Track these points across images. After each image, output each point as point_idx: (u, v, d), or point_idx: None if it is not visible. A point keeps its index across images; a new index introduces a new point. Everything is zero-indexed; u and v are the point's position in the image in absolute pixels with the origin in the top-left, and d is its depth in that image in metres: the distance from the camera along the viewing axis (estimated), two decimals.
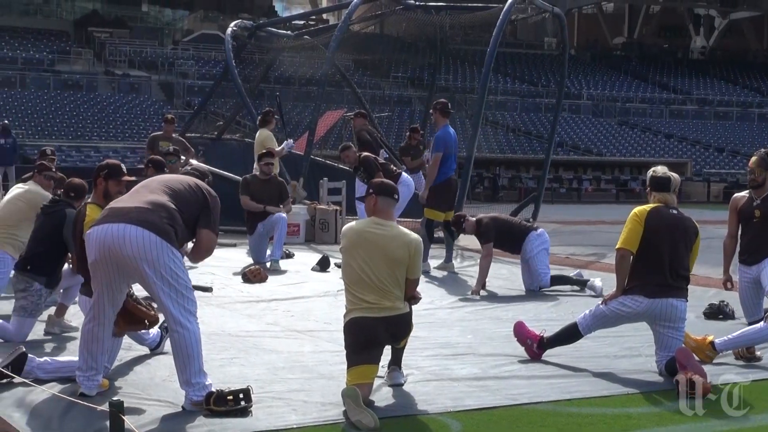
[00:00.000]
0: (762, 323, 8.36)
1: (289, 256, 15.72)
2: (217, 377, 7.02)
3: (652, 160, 46.22)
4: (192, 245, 7.01)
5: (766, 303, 9.20)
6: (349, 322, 6.98)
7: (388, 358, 7.34)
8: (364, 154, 15.84)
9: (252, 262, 14.85)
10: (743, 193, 9.37)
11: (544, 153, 24.80)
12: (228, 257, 15.26)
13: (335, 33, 21.78)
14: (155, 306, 7.16)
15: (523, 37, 74.89)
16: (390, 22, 53.83)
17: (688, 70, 71.94)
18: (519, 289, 12.95)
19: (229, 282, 13.11)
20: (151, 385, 7.24)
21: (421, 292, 7.44)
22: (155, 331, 8.18)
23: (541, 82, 63.61)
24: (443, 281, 13.79)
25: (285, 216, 15.19)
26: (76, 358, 7.03)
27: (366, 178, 14.80)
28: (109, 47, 56.44)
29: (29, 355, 7.29)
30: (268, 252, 15.13)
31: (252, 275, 13.18)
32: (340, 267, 7.99)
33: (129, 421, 5.32)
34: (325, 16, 56.66)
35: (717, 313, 11.00)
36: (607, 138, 56.76)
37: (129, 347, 8.17)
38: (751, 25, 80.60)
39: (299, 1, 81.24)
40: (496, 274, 13.68)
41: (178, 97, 50.86)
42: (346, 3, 22.57)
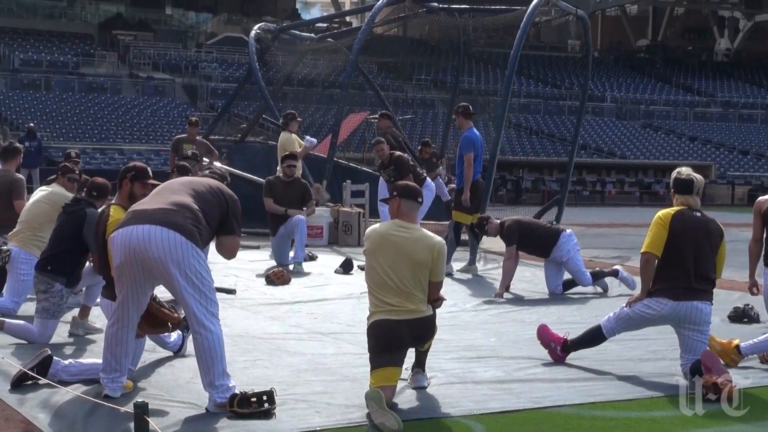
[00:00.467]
0: None
1: (312, 258, 15.72)
2: (241, 379, 7.02)
3: (676, 162, 46.02)
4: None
5: None
6: (372, 324, 6.97)
7: (411, 361, 7.34)
8: (399, 153, 15.78)
9: (275, 264, 14.86)
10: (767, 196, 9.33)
11: (568, 155, 24.79)
12: (251, 259, 15.28)
13: (358, 36, 21.82)
14: (178, 309, 7.18)
15: (547, 40, 74.78)
16: (413, 25, 53.99)
17: (713, 73, 71.65)
18: (543, 292, 12.91)
19: (253, 284, 13.13)
20: (174, 387, 7.25)
21: (445, 295, 7.42)
22: (176, 334, 8.20)
23: (565, 85, 63.49)
24: (467, 284, 13.77)
25: (304, 218, 15.19)
26: (100, 361, 7.04)
27: (394, 177, 14.78)
28: (133, 50, 56.68)
29: (54, 357, 7.32)
30: (291, 254, 15.14)
31: (275, 277, 13.19)
32: (363, 269, 7.99)
33: (153, 422, 5.33)
34: (348, 19, 56.82)
35: (742, 316, 10.96)
36: (630, 140, 56.60)
37: (153, 349, 8.18)
38: None
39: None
40: (520, 277, 13.63)
41: (202, 100, 51.02)
42: (370, 6, 22.65)
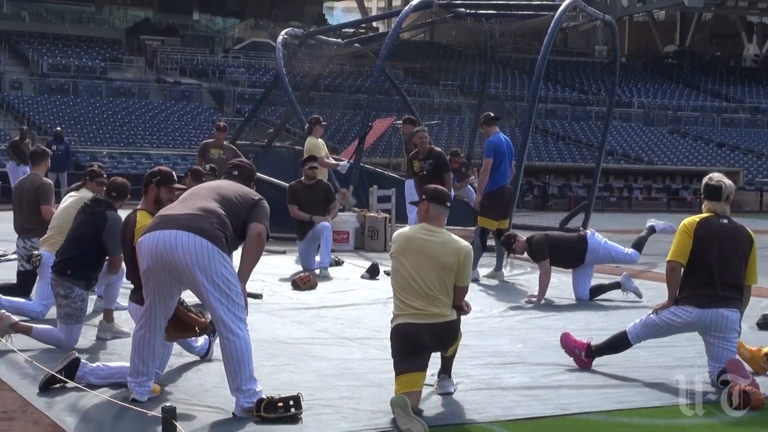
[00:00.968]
0: None
1: (338, 263, 15.74)
2: (268, 384, 7.03)
3: (703, 168, 45.78)
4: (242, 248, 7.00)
5: None
6: (393, 328, 6.98)
7: (437, 367, 7.33)
8: (439, 149, 15.70)
9: (301, 269, 14.88)
10: None
11: (595, 161, 24.66)
12: (277, 264, 15.31)
13: (386, 41, 21.80)
14: (205, 313, 7.20)
15: (574, 45, 74.60)
16: (440, 30, 54.05)
17: (741, 78, 71.22)
18: (570, 298, 12.87)
19: (279, 289, 13.16)
20: (201, 392, 7.28)
21: (471, 301, 7.42)
22: (203, 339, 8.21)
23: (592, 90, 63.27)
24: (493, 290, 13.75)
25: (328, 224, 15.21)
26: (128, 364, 7.07)
27: (428, 171, 14.76)
28: (160, 55, 56.85)
29: (82, 360, 7.35)
30: (317, 259, 15.16)
31: (302, 282, 13.20)
32: (389, 275, 7.99)
33: (180, 426, 5.35)
34: (375, 24, 56.88)
35: None
36: (658, 146, 56.31)
37: (180, 353, 8.21)
38: None
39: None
40: None
41: (229, 105, 51.11)
42: (397, 11, 22.64)
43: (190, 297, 7.18)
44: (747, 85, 69.57)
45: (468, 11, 23.24)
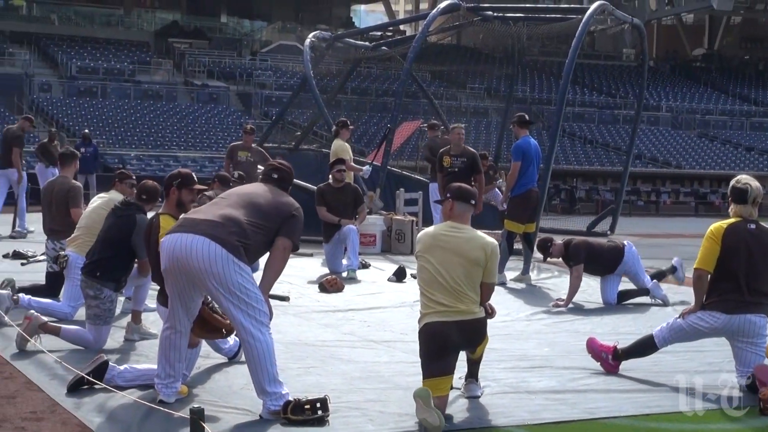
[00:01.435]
0: None
1: (365, 266, 15.75)
2: (295, 386, 7.04)
3: (731, 172, 45.45)
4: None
5: None
6: (422, 329, 6.95)
7: (464, 370, 7.33)
8: (473, 150, 15.67)
9: (328, 271, 14.90)
10: None
11: (622, 165, 24.62)
12: (304, 266, 15.33)
13: (413, 44, 21.80)
14: None
15: (602, 48, 74.34)
16: (467, 33, 53.94)
17: None
18: (597, 302, 12.82)
19: (306, 291, 13.17)
20: (229, 393, 7.30)
21: (497, 304, 7.40)
22: (233, 340, 8.23)
23: (620, 94, 63.08)
24: (520, 293, 13.72)
25: (354, 227, 15.22)
26: (155, 366, 7.10)
27: (459, 169, 14.76)
28: (188, 58, 57.07)
29: (110, 363, 7.38)
30: (345, 262, 15.18)
31: (329, 285, 13.22)
32: (415, 278, 7.99)
33: (208, 428, 5.37)
34: (402, 27, 56.84)
35: None
36: (686, 150, 56.09)
37: (207, 355, 8.23)
38: None
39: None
40: None
41: (256, 108, 51.25)
42: (424, 14, 22.63)
43: None
44: None
45: (495, 14, 23.24)
